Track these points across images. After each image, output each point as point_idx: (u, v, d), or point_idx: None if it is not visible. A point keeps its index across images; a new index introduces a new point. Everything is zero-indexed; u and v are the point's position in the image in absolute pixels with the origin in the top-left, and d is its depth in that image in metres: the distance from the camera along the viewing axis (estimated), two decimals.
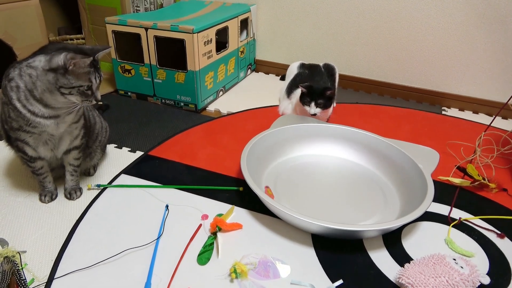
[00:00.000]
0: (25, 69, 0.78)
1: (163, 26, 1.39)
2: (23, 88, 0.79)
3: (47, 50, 0.79)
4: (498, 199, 1.04)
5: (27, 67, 0.79)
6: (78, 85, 0.79)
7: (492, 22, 1.47)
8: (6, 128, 0.87)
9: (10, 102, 0.79)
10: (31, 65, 0.78)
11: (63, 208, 0.95)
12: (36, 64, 0.78)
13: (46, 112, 0.81)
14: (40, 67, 0.78)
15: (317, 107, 1.27)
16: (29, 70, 0.78)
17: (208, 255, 0.82)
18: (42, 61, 0.78)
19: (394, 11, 1.60)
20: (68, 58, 0.76)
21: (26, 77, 0.78)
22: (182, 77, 1.46)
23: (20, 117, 0.81)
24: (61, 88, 0.78)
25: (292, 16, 1.79)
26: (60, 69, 0.77)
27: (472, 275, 0.74)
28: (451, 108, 1.66)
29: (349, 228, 0.81)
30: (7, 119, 0.83)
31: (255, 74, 1.95)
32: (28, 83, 0.79)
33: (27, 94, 0.79)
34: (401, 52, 1.66)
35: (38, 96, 0.80)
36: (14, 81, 0.79)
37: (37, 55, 0.80)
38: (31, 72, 0.78)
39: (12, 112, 0.81)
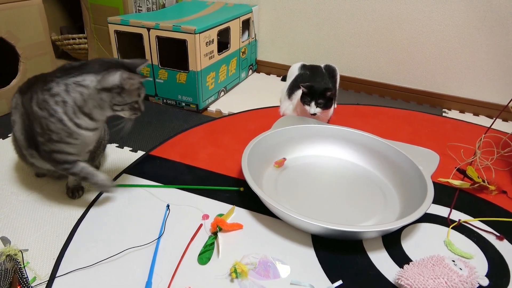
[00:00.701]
0: (74, 87, 0.79)
1: (165, 26, 1.40)
2: (71, 103, 0.80)
3: (93, 68, 0.80)
4: (498, 201, 1.04)
5: (76, 85, 0.79)
6: (131, 101, 0.83)
7: (493, 24, 1.47)
8: (40, 140, 0.83)
9: (54, 115, 0.80)
10: (81, 84, 0.79)
11: (65, 207, 0.96)
12: (87, 83, 0.79)
13: (91, 124, 0.84)
14: (93, 87, 0.79)
15: (317, 107, 1.28)
16: (80, 88, 0.79)
17: (209, 255, 0.82)
18: (94, 81, 0.79)
19: (395, 13, 1.60)
20: (124, 78, 0.79)
21: (76, 94, 0.79)
22: (183, 77, 1.47)
23: (63, 129, 0.81)
24: (114, 105, 0.82)
25: (294, 17, 1.79)
26: (116, 89, 0.79)
27: (471, 277, 0.75)
28: (452, 110, 1.66)
29: (349, 229, 0.81)
30: (44, 132, 0.82)
31: (256, 75, 1.96)
32: (78, 100, 0.80)
33: (75, 109, 0.80)
34: (402, 53, 1.67)
35: (87, 111, 0.82)
36: (59, 96, 0.79)
37: (82, 72, 0.80)
38: (82, 91, 0.79)
39: (53, 124, 0.80)
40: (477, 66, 1.57)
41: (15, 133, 0.91)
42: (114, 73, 0.79)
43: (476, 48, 1.54)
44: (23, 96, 0.85)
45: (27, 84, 0.88)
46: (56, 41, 1.87)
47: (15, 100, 0.88)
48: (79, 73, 0.80)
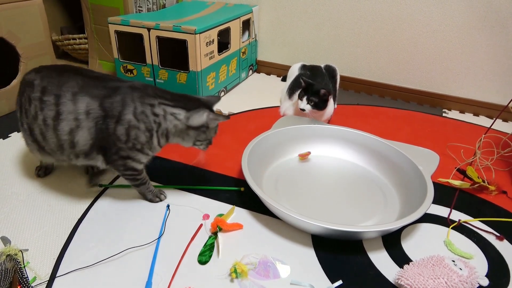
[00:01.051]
0: (171, 118, 0.86)
1: (166, 27, 1.40)
2: (163, 128, 0.87)
3: (186, 104, 0.87)
4: (498, 202, 1.04)
5: (173, 117, 0.86)
6: (211, 137, 0.92)
7: (493, 25, 1.47)
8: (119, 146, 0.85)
9: (149, 130, 0.85)
10: (177, 117, 0.86)
11: (65, 207, 0.96)
12: (181, 118, 0.86)
13: (164, 143, 0.91)
14: (184, 123, 0.87)
15: (307, 103, 1.27)
16: (175, 121, 0.86)
17: (209, 254, 0.82)
18: (185, 117, 0.86)
19: (395, 13, 1.60)
20: (211, 118, 0.87)
21: (171, 124, 0.87)
22: (184, 77, 1.47)
23: (149, 143, 0.88)
24: (197, 141, 0.90)
25: (294, 17, 1.80)
26: (202, 127, 0.87)
27: (471, 277, 0.75)
28: (452, 110, 1.66)
29: (349, 229, 0.81)
30: (129, 140, 0.85)
31: (256, 75, 1.96)
32: (170, 129, 0.87)
33: (164, 133, 0.88)
34: (402, 54, 1.67)
35: (170, 137, 0.89)
36: (158, 118, 0.85)
37: (178, 105, 0.86)
38: (176, 124, 0.87)
39: (144, 137, 0.86)
40: (477, 67, 1.57)
41: (75, 138, 0.85)
42: (201, 113, 0.86)
43: (476, 49, 1.54)
44: (103, 100, 0.84)
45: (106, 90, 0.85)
46: (57, 41, 1.87)
47: (86, 107, 0.83)
48: (174, 105, 0.87)
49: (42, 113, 0.85)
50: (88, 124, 0.84)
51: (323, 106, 1.29)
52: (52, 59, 1.55)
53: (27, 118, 0.88)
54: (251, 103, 1.59)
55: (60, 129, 0.85)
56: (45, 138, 0.87)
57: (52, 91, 0.85)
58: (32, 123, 0.87)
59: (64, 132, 0.85)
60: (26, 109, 0.88)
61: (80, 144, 0.86)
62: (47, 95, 0.85)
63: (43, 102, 0.85)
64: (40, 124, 0.86)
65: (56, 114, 0.84)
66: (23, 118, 0.90)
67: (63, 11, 2.01)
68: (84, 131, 0.85)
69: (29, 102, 0.87)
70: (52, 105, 0.84)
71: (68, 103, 0.84)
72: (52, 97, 0.84)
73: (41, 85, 0.85)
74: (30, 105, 0.87)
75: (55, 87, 0.85)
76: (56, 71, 0.89)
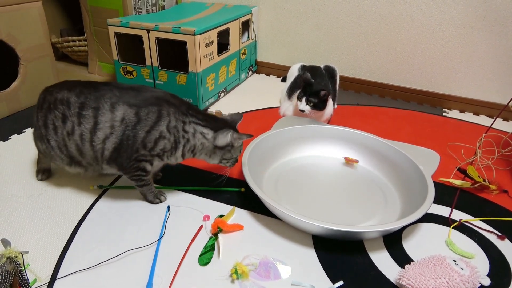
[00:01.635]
0: (200, 136, 0.90)
1: (165, 28, 1.40)
2: (192, 144, 0.91)
3: (214, 125, 0.91)
4: (499, 201, 1.04)
5: (202, 136, 0.90)
6: (236, 156, 0.95)
7: (493, 24, 1.47)
8: (140, 151, 0.88)
9: (177, 144, 0.89)
10: (205, 137, 0.90)
11: (65, 209, 0.96)
12: (209, 138, 0.90)
13: (189, 157, 0.94)
14: (211, 142, 0.91)
15: (307, 104, 1.27)
16: (203, 139, 0.91)
17: (209, 255, 0.82)
18: (212, 137, 0.91)
19: (395, 13, 1.60)
20: (235, 138, 0.91)
21: (198, 142, 0.91)
22: (183, 78, 1.47)
23: (173, 154, 0.91)
24: (223, 160, 0.94)
25: (293, 18, 1.80)
26: (227, 147, 0.91)
27: (473, 277, 0.74)
28: (452, 109, 1.66)
29: (350, 230, 0.81)
30: (154, 148, 0.88)
31: (256, 76, 1.96)
32: (198, 147, 0.92)
33: (191, 149, 0.92)
34: (402, 53, 1.67)
35: (197, 154, 0.93)
36: (187, 134, 0.90)
37: (207, 126, 0.91)
38: (204, 142, 0.91)
39: (170, 147, 0.89)
40: (477, 66, 1.57)
41: (106, 144, 0.88)
42: (226, 133, 0.90)
43: (476, 48, 1.54)
44: (140, 109, 0.86)
45: (142, 100, 0.88)
46: (56, 43, 1.88)
47: (122, 114, 0.86)
48: (204, 125, 0.91)
49: (80, 128, 0.87)
50: (119, 130, 0.87)
51: (323, 107, 1.29)
52: (52, 61, 1.55)
53: (57, 135, 0.90)
54: (251, 104, 1.59)
55: (95, 139, 0.88)
56: (82, 152, 0.90)
57: (90, 105, 0.87)
58: (66, 139, 0.90)
59: (99, 141, 0.88)
60: (57, 126, 0.90)
61: (107, 150, 0.89)
62: (85, 110, 0.87)
63: (82, 116, 0.87)
64: (76, 140, 0.89)
65: (94, 125, 0.87)
66: (50, 135, 0.91)
67: (62, 13, 2.01)
68: (114, 137, 0.87)
69: (62, 119, 0.88)
70: (91, 117, 0.87)
71: (106, 113, 0.86)
72: (91, 110, 0.87)
73: (79, 101, 0.88)
74: (64, 121, 0.88)
75: (93, 101, 0.87)
76: (90, 86, 0.91)
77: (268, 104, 1.59)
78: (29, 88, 1.47)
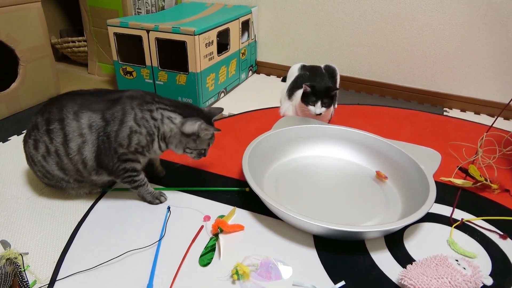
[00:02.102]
0: (167, 121, 0.90)
1: (165, 28, 1.39)
2: (161, 132, 0.91)
3: (183, 110, 0.91)
4: (500, 200, 1.03)
5: (169, 120, 0.90)
6: (201, 148, 0.94)
7: (493, 23, 1.47)
8: (120, 151, 0.87)
9: (152, 135, 0.89)
10: (173, 121, 0.90)
11: (65, 210, 0.95)
12: (177, 122, 0.90)
13: (164, 147, 0.94)
14: (178, 127, 0.90)
15: (322, 106, 1.27)
16: (171, 124, 0.90)
17: (210, 256, 0.82)
18: (180, 122, 0.90)
19: (395, 12, 1.60)
20: (202, 128, 0.89)
21: (167, 128, 0.90)
22: (183, 79, 1.47)
23: (150, 147, 0.91)
24: (187, 148, 0.93)
25: (293, 18, 1.79)
26: (193, 136, 0.90)
27: (475, 276, 0.74)
28: (453, 109, 1.65)
29: (351, 229, 0.81)
30: (130, 145, 0.88)
31: (256, 76, 1.96)
32: (166, 132, 0.91)
33: (162, 136, 0.91)
34: (403, 53, 1.66)
35: (167, 141, 0.92)
36: (157, 122, 0.89)
37: (175, 110, 0.91)
38: (172, 127, 0.90)
39: (145, 141, 0.89)
40: (477, 65, 1.56)
41: (84, 154, 0.88)
42: (194, 121, 0.89)
43: (477, 47, 1.53)
44: (105, 112, 0.87)
45: (106, 103, 0.88)
46: (56, 44, 1.87)
47: (88, 120, 0.86)
48: (172, 110, 0.91)
49: (52, 144, 0.87)
50: (92, 137, 0.87)
51: (331, 103, 1.30)
52: (52, 62, 1.55)
53: (37, 160, 0.91)
54: (251, 104, 1.58)
55: (70, 150, 0.87)
56: (63, 168, 0.90)
57: (55, 118, 0.87)
58: (44, 163, 0.90)
59: (73, 152, 0.87)
60: (32, 154, 0.91)
61: (88, 159, 0.89)
62: (51, 124, 0.87)
63: (51, 131, 0.87)
64: (54, 158, 0.89)
65: (64, 137, 0.87)
66: (35, 166, 0.92)
67: (62, 14, 2.01)
68: (89, 145, 0.87)
69: (34, 145, 0.89)
70: (59, 130, 0.86)
71: (72, 123, 0.86)
72: (56, 123, 0.87)
73: (44, 119, 0.88)
74: (36, 147, 0.89)
75: (57, 114, 0.87)
76: (52, 102, 0.91)
77: (268, 104, 1.59)
78: (28, 89, 1.47)
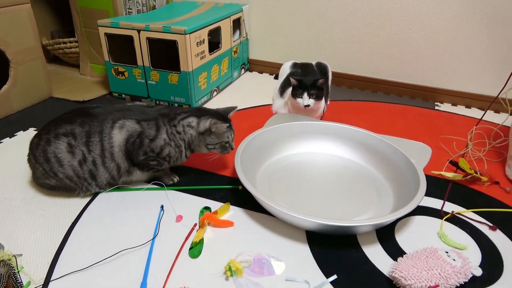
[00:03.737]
0: (187, 129, 0.99)
1: (156, 28, 1.39)
2: (187, 141, 1.00)
3: (197, 113, 1.01)
4: (490, 192, 1.05)
5: (188, 127, 0.99)
6: (220, 141, 1.01)
7: (482, 17, 1.48)
8: (150, 156, 0.97)
9: (179, 147, 1.00)
10: (191, 125, 0.99)
11: (59, 211, 0.96)
12: (194, 124, 0.99)
13: (189, 154, 1.04)
14: (195, 129, 0.99)
15: (310, 98, 1.28)
16: (190, 130, 0.99)
17: (199, 248, 0.83)
18: (196, 123, 0.99)
19: (385, 8, 1.60)
20: (212, 123, 0.97)
21: (188, 135, 1.00)
22: (175, 78, 1.47)
23: (178, 157, 1.01)
24: (208, 145, 1.01)
25: (285, 15, 1.80)
26: (207, 132, 0.98)
27: (464, 267, 0.75)
28: (444, 103, 1.67)
29: (343, 224, 0.82)
30: (161, 153, 0.98)
31: (249, 74, 1.96)
32: (189, 139, 1.00)
33: (186, 145, 1.01)
34: (394, 48, 1.67)
35: (192, 147, 1.02)
36: (181, 135, 0.99)
37: (191, 115, 1.00)
38: (192, 133, 0.99)
39: (174, 152, 0.99)
40: (467, 59, 1.58)
41: (117, 160, 0.96)
42: (206, 120, 0.98)
43: (466, 41, 1.55)
44: (140, 122, 0.97)
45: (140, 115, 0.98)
46: (47, 45, 1.87)
47: (131, 127, 0.95)
48: (190, 115, 1.00)
49: (91, 154, 0.94)
50: (122, 138, 0.95)
51: (322, 95, 1.31)
52: (43, 64, 1.54)
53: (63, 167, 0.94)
54: (244, 102, 1.59)
55: (106, 160, 0.95)
56: (95, 177, 0.97)
57: (95, 131, 0.94)
58: (77, 168, 0.95)
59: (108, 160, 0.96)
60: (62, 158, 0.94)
61: (121, 163, 0.97)
62: (92, 137, 0.94)
63: (91, 143, 0.93)
64: (89, 165, 0.94)
65: (102, 148, 0.94)
66: (61, 167, 0.94)
67: (53, 15, 2.00)
68: (120, 152, 0.95)
69: (70, 151, 0.93)
70: (98, 143, 0.94)
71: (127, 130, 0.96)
72: (96, 135, 0.94)
73: (84, 131, 0.94)
74: (73, 154, 0.93)
75: (96, 126, 0.94)
76: (82, 114, 0.97)
77: (261, 101, 1.59)
78: (20, 91, 1.47)
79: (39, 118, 1.42)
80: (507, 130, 1.16)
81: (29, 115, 1.45)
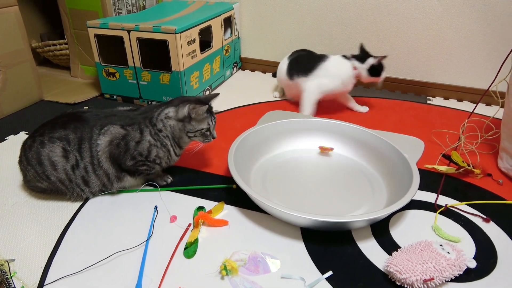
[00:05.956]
0: (166, 121, 0.96)
1: (146, 28, 1.38)
2: (171, 137, 0.98)
3: (174, 103, 0.98)
4: (483, 185, 1.05)
5: (167, 119, 0.96)
6: (200, 128, 0.97)
7: (472, 11, 1.49)
8: (139, 159, 0.95)
9: (165, 146, 0.97)
10: (168, 116, 0.96)
11: (51, 215, 0.95)
12: (171, 114, 0.96)
13: (178, 152, 1.02)
14: (174, 117, 0.96)
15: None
16: (169, 121, 0.96)
17: (194, 248, 0.83)
18: (173, 111, 0.96)
19: (375, 3, 1.61)
20: (191, 108, 0.94)
21: (169, 128, 0.97)
22: (167, 78, 1.46)
23: (167, 156, 0.99)
24: (188, 132, 0.97)
25: (275, 13, 1.79)
26: (186, 118, 0.95)
27: (459, 260, 0.75)
28: (436, 97, 1.67)
29: (337, 220, 0.82)
30: (149, 157, 0.96)
31: (241, 72, 1.95)
32: (170, 132, 0.97)
33: (172, 142, 0.98)
34: (385, 43, 1.67)
35: (177, 141, 0.99)
36: (163, 132, 0.96)
37: (168, 105, 0.97)
38: (171, 123, 0.96)
39: (162, 152, 0.98)
40: (458, 53, 1.58)
41: (104, 166, 0.95)
42: (184, 106, 0.96)
43: (457, 35, 1.55)
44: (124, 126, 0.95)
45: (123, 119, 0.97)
46: (37, 48, 1.85)
47: (115, 131, 0.94)
48: (167, 106, 0.98)
49: (82, 161, 0.93)
50: (107, 151, 0.94)
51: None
52: (33, 66, 1.53)
53: (56, 171, 0.93)
54: (237, 101, 1.58)
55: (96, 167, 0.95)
56: (87, 183, 0.96)
57: (86, 137, 0.93)
58: (70, 174, 0.94)
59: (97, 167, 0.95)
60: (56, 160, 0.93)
61: (108, 169, 0.95)
62: (83, 143, 0.93)
63: (82, 150, 0.93)
64: (81, 172, 0.94)
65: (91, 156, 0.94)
66: (55, 171, 0.94)
67: (41, 17, 1.98)
68: (106, 159, 0.94)
69: (65, 155, 0.93)
70: (88, 149, 0.93)
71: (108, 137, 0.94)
72: (86, 142, 0.93)
73: (77, 137, 0.93)
74: (67, 158, 0.93)
75: (87, 132, 0.94)
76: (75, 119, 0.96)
77: (254, 100, 1.59)
78: (10, 95, 1.45)
79: (30, 122, 1.40)
80: (498, 122, 1.17)
81: (19, 118, 1.43)
